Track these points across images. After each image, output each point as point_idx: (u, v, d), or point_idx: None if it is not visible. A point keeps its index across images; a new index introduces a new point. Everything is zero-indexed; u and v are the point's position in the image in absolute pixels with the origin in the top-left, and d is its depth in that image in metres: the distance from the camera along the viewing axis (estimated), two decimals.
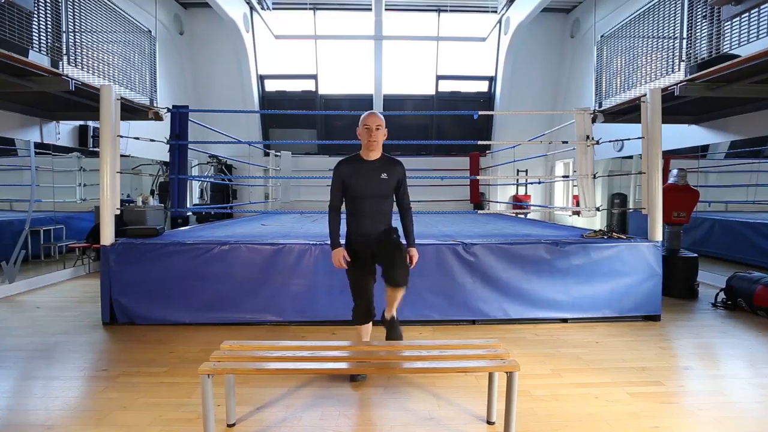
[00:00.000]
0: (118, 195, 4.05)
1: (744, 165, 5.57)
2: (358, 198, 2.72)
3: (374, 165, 2.72)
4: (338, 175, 2.73)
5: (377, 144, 2.69)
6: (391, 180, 2.72)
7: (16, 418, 2.35)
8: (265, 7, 8.21)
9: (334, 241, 2.74)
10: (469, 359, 2.21)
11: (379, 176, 2.69)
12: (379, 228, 2.74)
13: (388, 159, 2.77)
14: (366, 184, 2.69)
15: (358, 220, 2.74)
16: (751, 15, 3.49)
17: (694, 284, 4.87)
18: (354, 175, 2.70)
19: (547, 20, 9.41)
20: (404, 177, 2.80)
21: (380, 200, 2.73)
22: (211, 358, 2.17)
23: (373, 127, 2.66)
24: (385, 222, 2.77)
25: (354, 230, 2.77)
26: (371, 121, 2.68)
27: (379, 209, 2.73)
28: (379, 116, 2.72)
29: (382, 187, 2.71)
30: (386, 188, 2.72)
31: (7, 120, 4.95)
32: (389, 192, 2.75)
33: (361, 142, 2.72)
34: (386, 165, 2.73)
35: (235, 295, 3.84)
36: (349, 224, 2.80)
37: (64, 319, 4.05)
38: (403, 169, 2.80)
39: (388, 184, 2.72)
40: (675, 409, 2.48)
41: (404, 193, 2.82)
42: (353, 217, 2.77)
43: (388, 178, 2.71)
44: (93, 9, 4.53)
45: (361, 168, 2.71)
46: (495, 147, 9.51)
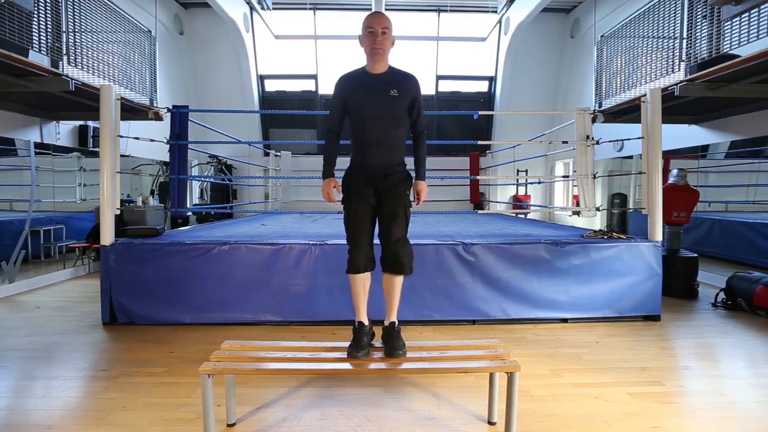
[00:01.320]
0: (118, 195, 4.05)
1: (744, 165, 5.57)
2: (362, 121, 2.28)
3: (381, 79, 2.27)
4: (339, 91, 2.32)
5: (383, 52, 2.23)
6: (402, 97, 2.26)
7: (16, 418, 2.34)
8: (265, 7, 8.21)
9: (325, 169, 2.36)
10: (470, 360, 2.21)
11: (387, 93, 2.24)
12: (388, 160, 2.32)
13: (399, 72, 2.32)
14: (371, 103, 2.25)
15: (363, 150, 2.32)
16: (751, 15, 3.48)
17: (694, 284, 4.87)
18: (357, 91, 2.27)
19: (547, 20, 9.41)
20: (419, 94, 2.35)
21: (389, 124, 2.28)
22: (212, 358, 2.17)
23: (379, 30, 2.19)
24: (395, 154, 2.34)
25: (358, 161, 2.36)
26: (375, 22, 2.20)
27: (388, 136, 2.30)
28: (386, 17, 2.26)
29: (392, 107, 2.26)
30: (396, 108, 2.27)
31: (7, 120, 4.95)
32: (400, 113, 2.29)
33: (365, 50, 2.27)
34: (396, 79, 2.28)
35: (235, 295, 3.84)
36: (353, 155, 2.39)
37: (64, 319, 4.05)
38: (417, 83, 2.35)
39: (398, 103, 2.27)
40: (675, 409, 2.48)
41: (418, 114, 2.36)
42: (357, 146, 2.35)
43: (399, 95, 2.25)
44: (93, 9, 4.53)
45: (365, 83, 2.27)
46: (495, 147, 9.50)
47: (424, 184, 2.39)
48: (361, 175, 2.35)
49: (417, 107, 2.36)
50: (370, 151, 2.31)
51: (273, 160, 9.37)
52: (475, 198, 9.20)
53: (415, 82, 2.35)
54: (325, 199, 2.38)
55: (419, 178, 2.40)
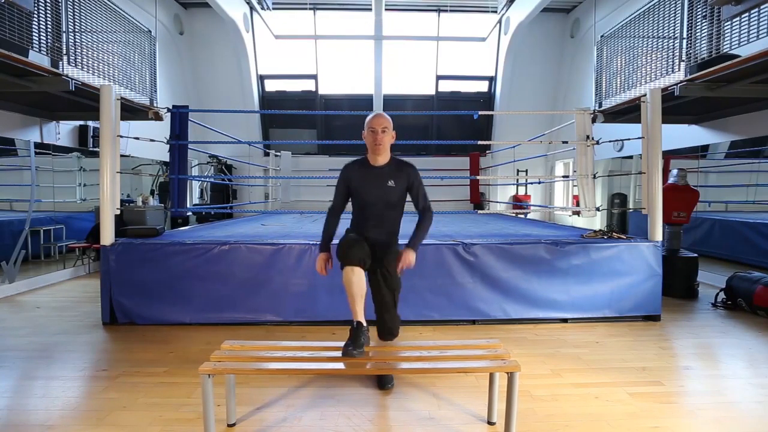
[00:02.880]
0: (118, 195, 4.05)
1: (744, 165, 5.57)
2: (363, 203, 2.59)
3: (382, 171, 2.56)
4: (344, 179, 2.60)
5: (383, 148, 2.53)
6: (399, 187, 2.56)
7: (16, 418, 2.35)
8: (265, 7, 8.20)
9: (323, 243, 2.62)
10: (470, 359, 2.21)
11: (386, 184, 2.53)
12: (385, 237, 2.61)
13: (397, 163, 2.60)
14: (372, 192, 2.55)
15: (363, 224, 2.61)
16: (751, 15, 3.48)
17: (694, 284, 4.87)
18: (360, 181, 2.56)
19: (547, 20, 9.41)
20: (416, 180, 2.61)
21: (387, 208, 2.59)
22: (212, 358, 2.17)
23: (379, 130, 2.50)
24: (390, 230, 2.64)
25: (357, 230, 2.64)
26: (376, 123, 2.52)
27: (385, 217, 2.60)
28: (386, 117, 2.55)
29: (390, 196, 2.55)
30: (394, 196, 2.56)
31: (7, 120, 4.95)
32: (397, 200, 2.59)
33: (367, 145, 2.57)
34: (394, 171, 2.56)
35: (235, 295, 3.84)
36: (353, 222, 2.67)
37: (64, 319, 4.05)
38: (414, 172, 2.61)
39: (395, 192, 2.56)
40: (675, 409, 2.48)
41: (418, 196, 2.63)
42: (358, 220, 2.64)
43: (396, 186, 2.55)
44: (93, 9, 4.52)
45: (367, 174, 2.57)
46: (495, 147, 9.51)
47: (413, 255, 2.53)
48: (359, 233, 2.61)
49: (415, 190, 2.62)
50: (369, 226, 2.60)
51: (273, 160, 9.37)
52: (475, 198, 9.21)
53: (411, 171, 2.61)
54: (318, 270, 2.59)
55: (409, 246, 2.54)
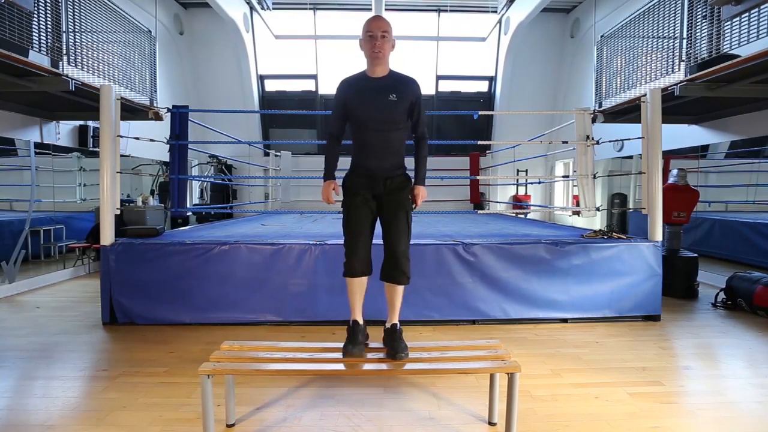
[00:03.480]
0: (118, 195, 4.05)
1: (744, 165, 5.57)
2: (362, 125, 2.29)
3: (381, 83, 2.27)
4: (340, 95, 2.33)
5: (383, 56, 2.24)
6: (401, 102, 2.27)
7: (16, 418, 2.35)
8: (265, 7, 8.21)
9: (326, 171, 2.38)
10: (470, 360, 2.21)
11: (386, 97, 2.24)
12: (388, 165, 2.32)
13: (399, 76, 2.33)
14: (371, 107, 2.26)
15: (363, 154, 2.33)
16: (751, 15, 3.48)
17: (694, 284, 4.87)
18: (357, 96, 2.28)
19: (547, 20, 9.41)
20: (419, 98, 2.35)
21: (389, 128, 2.28)
22: (211, 358, 2.17)
23: (378, 35, 2.21)
24: (395, 158, 2.35)
25: (358, 164, 2.36)
26: (375, 26, 2.22)
27: (388, 139, 2.30)
28: (386, 21, 2.27)
29: (391, 112, 2.26)
30: (396, 113, 2.27)
31: (7, 120, 4.95)
32: (400, 117, 2.29)
33: (365, 54, 2.28)
34: (396, 83, 2.28)
35: (235, 295, 3.84)
36: (353, 157, 2.39)
37: (64, 319, 4.05)
38: (418, 87, 2.36)
39: (397, 108, 2.26)
40: (675, 409, 2.48)
41: (419, 118, 2.36)
42: (357, 150, 2.36)
43: (398, 100, 2.26)
44: (93, 9, 4.53)
45: (365, 87, 2.28)
46: (495, 147, 9.50)
47: (424, 189, 2.38)
48: (361, 178, 2.35)
49: (417, 111, 2.36)
50: (370, 154, 2.32)
51: (273, 160, 9.37)
52: (475, 198, 9.20)
53: (415, 86, 2.35)
54: (324, 200, 2.39)
55: (418, 182, 2.38)
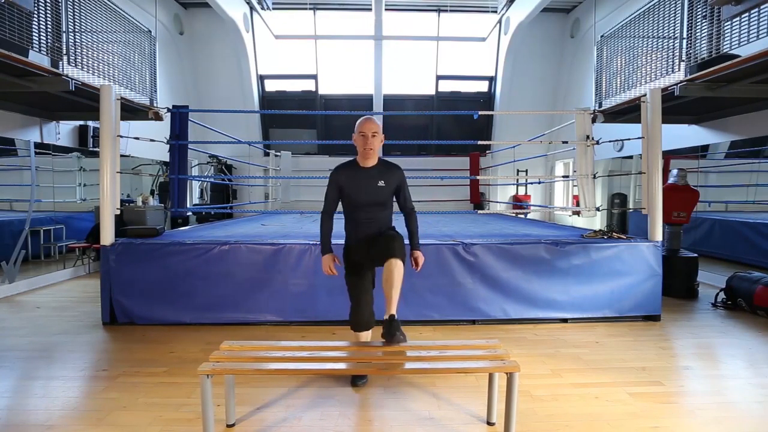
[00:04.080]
0: (118, 195, 4.05)
1: (744, 165, 5.57)
2: (355, 205, 2.67)
3: (371, 173, 2.65)
4: (334, 181, 2.68)
5: (373, 152, 2.63)
6: (388, 187, 2.66)
7: (16, 418, 2.35)
8: (265, 7, 8.21)
9: (324, 246, 2.70)
10: (470, 360, 2.21)
11: (376, 184, 2.63)
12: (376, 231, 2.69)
13: (386, 165, 2.71)
14: (363, 193, 2.63)
15: (356, 228, 2.70)
16: (751, 15, 3.48)
17: (694, 284, 4.87)
18: (350, 182, 2.65)
19: (547, 20, 9.41)
20: (404, 181, 2.73)
21: (378, 208, 2.67)
22: (211, 358, 2.17)
23: (369, 135, 2.60)
24: (382, 226, 2.72)
25: (351, 236, 2.73)
26: (366, 128, 2.60)
27: (377, 217, 2.68)
28: (375, 122, 2.64)
29: (380, 195, 2.65)
30: (384, 196, 2.66)
31: (7, 120, 4.95)
32: (387, 200, 2.70)
33: (357, 149, 2.66)
34: (383, 172, 2.66)
35: (235, 295, 3.84)
36: (347, 230, 2.76)
37: (64, 319, 4.05)
38: (402, 173, 2.73)
39: (385, 192, 2.66)
40: (675, 409, 2.48)
41: (406, 197, 2.75)
42: (351, 224, 2.72)
43: (386, 186, 2.65)
44: (93, 9, 4.52)
45: (357, 175, 2.65)
46: (495, 147, 9.51)
47: (420, 253, 2.74)
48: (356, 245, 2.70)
49: (403, 192, 2.74)
50: (361, 229, 2.69)
51: (273, 160, 9.37)
52: (475, 198, 9.20)
53: (399, 173, 2.72)
54: (325, 272, 2.67)
55: (415, 248, 2.74)
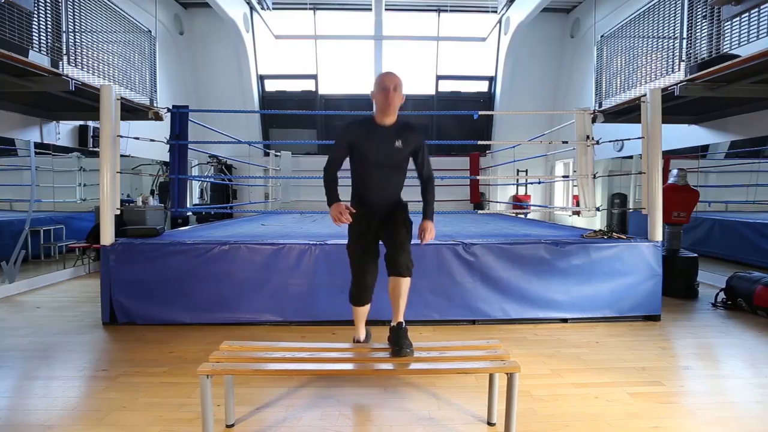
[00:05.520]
0: (118, 195, 4.05)
1: (744, 165, 5.57)
2: (366, 166, 2.45)
3: (389, 131, 2.43)
4: (346, 136, 2.46)
5: (394, 108, 2.41)
6: (405, 149, 2.45)
7: (16, 418, 2.35)
8: (265, 7, 8.21)
9: (331, 196, 2.46)
10: (470, 360, 2.21)
11: (393, 144, 2.41)
12: (387, 201, 2.51)
13: (405, 124, 2.49)
14: (377, 152, 2.43)
15: (364, 191, 2.50)
16: (751, 15, 3.48)
17: (694, 284, 4.87)
18: (365, 139, 2.42)
19: (547, 20, 9.41)
20: (423, 145, 2.52)
21: (391, 171, 2.47)
22: (210, 358, 2.17)
23: (391, 88, 2.38)
24: (394, 195, 2.53)
25: (359, 197, 2.52)
26: (389, 81, 2.39)
27: (389, 181, 2.48)
28: (397, 76, 2.43)
29: (395, 157, 2.44)
30: (399, 158, 2.45)
31: (7, 120, 4.95)
32: (402, 162, 2.48)
33: (376, 105, 2.45)
34: (402, 132, 2.45)
35: (235, 295, 3.84)
36: (354, 189, 2.54)
37: (64, 319, 4.05)
38: (422, 136, 2.52)
39: (401, 154, 2.45)
40: (675, 409, 2.48)
41: (423, 162, 2.53)
42: (359, 186, 2.52)
43: (403, 147, 2.44)
44: (93, 9, 4.52)
45: (373, 133, 2.43)
46: (495, 147, 9.51)
47: (431, 224, 2.47)
48: (363, 209, 2.48)
49: (421, 156, 2.53)
50: (371, 191, 2.49)
51: (273, 160, 9.37)
52: (475, 198, 9.21)
53: (420, 134, 2.51)
54: (335, 219, 2.40)
55: (426, 218, 2.50)
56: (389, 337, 2.37)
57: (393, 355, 2.24)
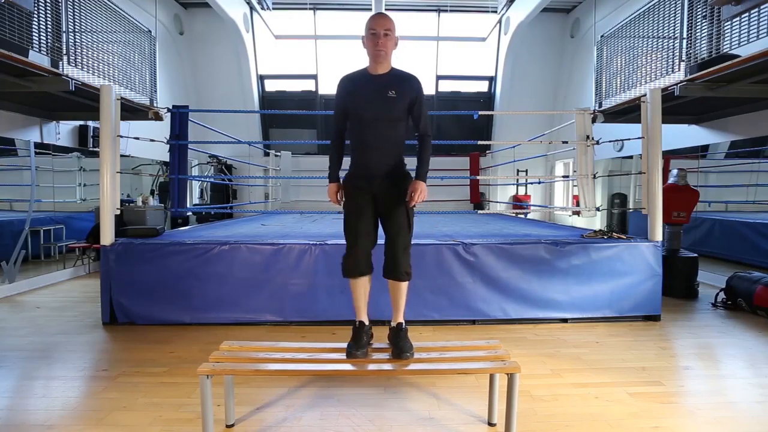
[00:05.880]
0: (118, 195, 4.05)
1: (744, 165, 5.57)
2: (360, 121, 2.28)
3: (381, 80, 2.26)
4: (340, 92, 2.33)
5: (385, 54, 2.23)
6: (400, 98, 2.25)
7: (16, 418, 2.35)
8: (265, 7, 8.21)
9: (331, 172, 2.39)
10: (470, 360, 2.21)
11: (385, 94, 2.23)
12: (386, 162, 2.31)
13: (400, 74, 2.31)
14: (369, 104, 2.25)
15: (362, 151, 2.31)
16: (751, 15, 3.48)
17: (694, 284, 4.87)
18: (356, 92, 2.27)
19: (547, 20, 9.41)
20: (421, 96, 2.32)
21: (387, 125, 2.27)
22: (210, 358, 2.17)
23: (381, 32, 2.19)
24: (394, 155, 2.33)
25: (356, 162, 2.35)
26: (378, 24, 2.20)
27: (386, 137, 2.28)
28: (389, 18, 2.24)
29: (390, 108, 2.24)
30: (394, 109, 2.25)
31: (7, 120, 4.95)
32: (398, 114, 2.27)
33: (367, 51, 2.27)
34: (395, 80, 2.27)
35: (235, 295, 3.83)
36: (351, 155, 2.37)
37: (64, 319, 4.05)
38: (419, 85, 2.32)
39: (396, 104, 2.25)
40: (675, 409, 2.48)
41: (420, 115, 2.32)
42: (356, 146, 2.33)
43: (397, 96, 2.24)
44: (93, 9, 4.52)
45: (364, 84, 2.27)
46: (495, 147, 9.51)
47: (423, 185, 2.30)
48: (361, 178, 2.34)
49: (417, 108, 2.32)
50: (369, 151, 2.30)
51: (273, 160, 9.37)
52: (475, 198, 9.21)
53: (416, 83, 2.32)
54: (330, 199, 2.40)
55: (418, 178, 2.31)
56: (389, 337, 2.37)
57: (393, 357, 2.23)
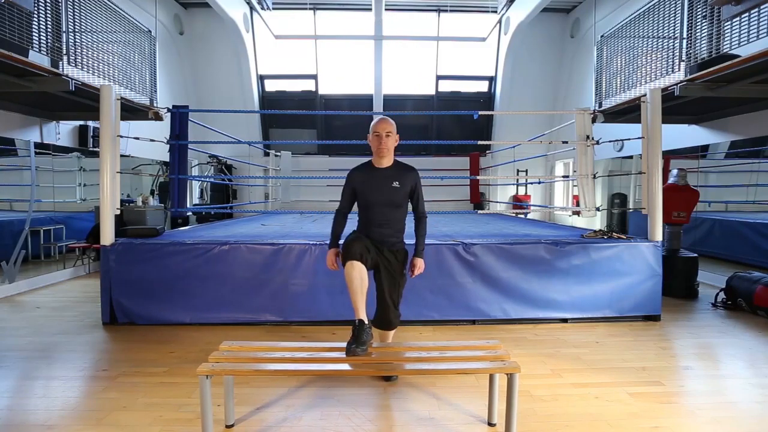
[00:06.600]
0: (118, 195, 4.05)
1: (744, 165, 5.57)
2: (368, 205, 2.69)
3: (386, 173, 2.68)
4: (350, 182, 2.73)
5: (388, 151, 2.66)
6: (403, 188, 2.68)
7: (16, 418, 2.35)
8: (265, 7, 8.20)
9: (332, 240, 2.75)
10: (470, 360, 2.21)
11: (390, 184, 2.65)
12: (389, 237, 2.70)
13: (401, 166, 2.74)
14: (377, 193, 2.66)
15: (368, 227, 2.71)
16: (751, 15, 3.48)
17: (694, 284, 4.87)
18: (365, 183, 2.68)
19: (547, 20, 9.41)
20: (418, 184, 2.75)
21: (392, 209, 2.69)
22: (210, 358, 2.17)
23: (383, 134, 2.63)
24: (395, 232, 2.73)
25: (363, 232, 2.73)
26: (381, 127, 2.64)
27: (390, 218, 2.69)
28: (390, 122, 2.67)
29: (394, 196, 2.66)
30: (398, 197, 2.67)
31: (7, 120, 4.95)
32: (401, 200, 2.70)
33: (372, 149, 2.69)
34: (398, 172, 2.69)
35: (235, 295, 3.83)
36: (359, 226, 2.77)
37: (64, 319, 4.05)
38: (417, 175, 2.75)
39: (400, 193, 2.67)
40: (675, 409, 2.48)
41: (418, 200, 2.77)
42: (365, 222, 2.74)
43: (401, 187, 2.66)
44: (93, 9, 4.52)
45: (372, 176, 2.69)
46: (495, 147, 9.51)
47: (422, 262, 2.73)
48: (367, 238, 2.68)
49: (416, 195, 2.75)
50: (374, 228, 2.69)
51: (273, 160, 9.37)
52: (475, 198, 9.21)
53: (415, 175, 2.74)
54: (328, 265, 2.72)
55: (417, 255, 2.74)
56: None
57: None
